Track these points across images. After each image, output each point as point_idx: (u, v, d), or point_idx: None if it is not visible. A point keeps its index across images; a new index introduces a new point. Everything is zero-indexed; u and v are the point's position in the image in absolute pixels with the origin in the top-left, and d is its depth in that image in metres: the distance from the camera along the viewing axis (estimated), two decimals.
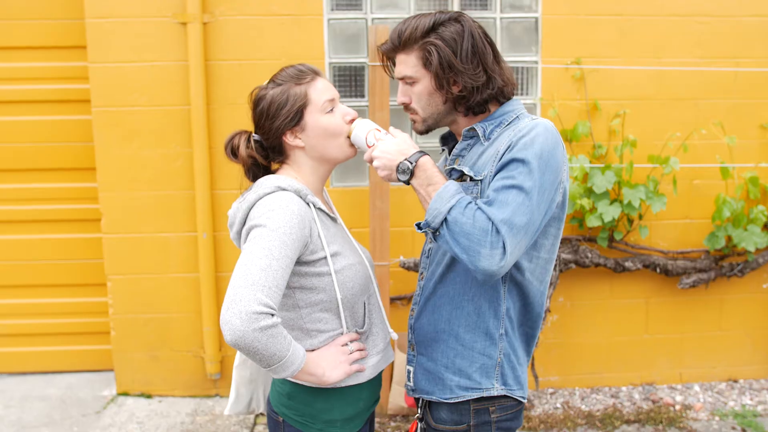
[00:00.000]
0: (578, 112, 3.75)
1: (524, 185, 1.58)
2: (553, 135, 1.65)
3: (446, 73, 1.70)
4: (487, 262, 1.55)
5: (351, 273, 1.73)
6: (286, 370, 1.58)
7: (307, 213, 1.66)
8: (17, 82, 3.92)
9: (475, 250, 1.55)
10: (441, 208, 1.61)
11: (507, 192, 1.59)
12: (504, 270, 1.57)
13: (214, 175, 3.71)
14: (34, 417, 3.69)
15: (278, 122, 1.73)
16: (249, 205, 1.66)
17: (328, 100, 1.75)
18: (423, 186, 1.68)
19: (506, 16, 3.72)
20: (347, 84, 3.74)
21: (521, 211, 1.57)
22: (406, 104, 1.80)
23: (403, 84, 1.79)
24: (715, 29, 3.75)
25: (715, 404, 3.83)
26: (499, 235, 1.55)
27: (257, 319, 1.47)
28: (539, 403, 3.84)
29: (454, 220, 1.58)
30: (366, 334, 1.82)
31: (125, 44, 3.61)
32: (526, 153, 1.60)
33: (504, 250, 1.55)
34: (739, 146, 3.78)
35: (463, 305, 1.77)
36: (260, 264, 1.52)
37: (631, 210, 3.58)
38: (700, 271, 3.83)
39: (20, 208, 4.02)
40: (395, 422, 3.61)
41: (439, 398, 1.80)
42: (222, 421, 3.63)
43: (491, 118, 1.77)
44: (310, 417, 1.75)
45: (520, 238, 1.57)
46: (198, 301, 3.80)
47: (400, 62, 1.77)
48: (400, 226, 3.74)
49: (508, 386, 1.78)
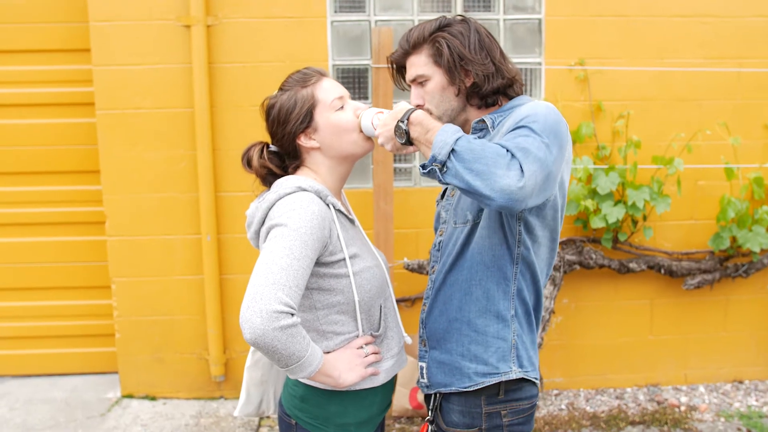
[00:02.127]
0: (582, 114, 3.74)
1: (535, 129, 1.55)
2: (556, 112, 1.63)
3: (457, 65, 1.73)
4: (506, 181, 1.46)
5: (369, 275, 1.73)
6: (303, 370, 1.57)
7: (327, 214, 1.66)
8: (22, 86, 3.93)
9: (491, 171, 1.47)
10: (447, 140, 1.54)
11: (516, 133, 1.55)
12: (525, 196, 1.47)
13: (218, 177, 3.71)
14: (38, 419, 3.69)
15: (290, 126, 1.75)
16: (269, 204, 1.65)
17: (337, 98, 1.76)
18: (422, 136, 1.62)
19: (509, 18, 3.72)
20: (351, 86, 3.74)
21: (535, 146, 1.51)
22: (420, 106, 1.80)
23: (415, 86, 1.81)
24: (719, 30, 3.74)
25: (721, 405, 3.82)
26: (514, 159, 1.48)
27: (278, 318, 1.46)
28: (544, 404, 3.83)
29: (462, 148, 1.52)
30: (381, 338, 1.81)
31: (129, 47, 3.61)
32: (530, 120, 1.57)
33: (521, 171, 1.47)
34: (743, 147, 3.77)
35: (472, 290, 1.77)
36: (281, 263, 1.51)
37: (635, 211, 3.58)
38: (705, 272, 3.82)
39: (25, 211, 4.03)
40: (399, 424, 3.61)
41: (459, 388, 1.79)
42: (226, 423, 3.63)
43: (501, 111, 1.79)
44: (323, 420, 1.74)
45: (536, 167, 1.49)
46: (202, 303, 3.81)
47: (411, 64, 1.79)
48: (404, 228, 3.74)
49: (524, 368, 1.78)
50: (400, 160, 3.81)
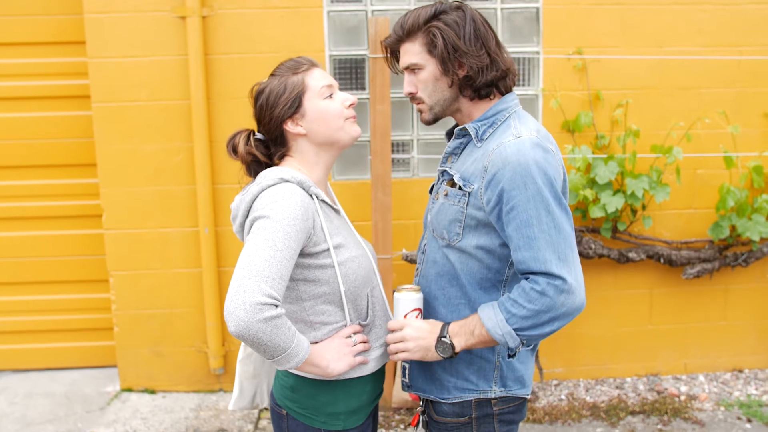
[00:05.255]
0: (580, 103, 3.72)
1: (532, 216, 1.57)
2: (531, 155, 1.60)
3: (451, 56, 1.69)
4: (563, 300, 1.55)
5: (354, 265, 1.73)
6: (290, 361, 1.58)
7: (310, 205, 1.66)
8: (17, 79, 3.90)
9: (549, 310, 1.56)
10: (502, 327, 1.60)
11: (520, 237, 1.58)
12: (577, 287, 1.56)
13: (215, 169, 3.70)
14: (38, 413, 3.69)
15: (278, 110, 1.75)
16: (252, 197, 1.66)
17: (326, 86, 1.76)
18: (471, 339, 1.66)
19: (507, 7, 3.69)
20: (348, 76, 3.72)
21: (544, 240, 1.56)
22: (413, 94, 1.78)
23: (408, 74, 1.78)
24: (718, 17, 3.72)
25: (720, 394, 3.82)
26: (545, 281, 1.55)
27: (261, 310, 1.47)
28: (544, 395, 3.83)
29: (518, 322, 1.58)
30: (369, 327, 1.81)
31: (124, 39, 3.59)
32: (518, 202, 1.58)
33: (556, 283, 1.54)
34: (742, 135, 3.75)
35: (459, 309, 1.76)
36: (264, 255, 1.52)
37: (634, 200, 3.56)
38: (704, 261, 3.81)
39: (22, 205, 4.02)
40: (399, 415, 3.60)
41: (437, 398, 1.81)
42: (226, 416, 3.63)
43: (484, 117, 1.75)
44: (313, 410, 1.75)
45: (557, 260, 1.56)
46: (200, 296, 3.80)
47: (405, 52, 1.77)
48: (402, 219, 3.73)
49: (508, 387, 1.77)
50: (398, 151, 3.80)
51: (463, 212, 1.70)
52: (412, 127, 3.77)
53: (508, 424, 1.81)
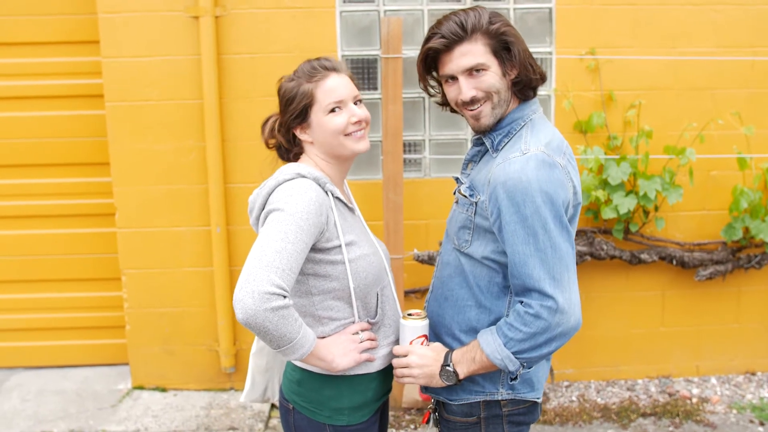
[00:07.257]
0: (593, 103, 3.71)
1: (537, 233, 1.59)
2: (534, 174, 1.60)
3: (512, 58, 1.70)
4: (566, 326, 1.60)
5: (365, 263, 1.74)
6: (295, 352, 1.60)
7: (324, 201, 1.69)
8: (31, 78, 3.93)
9: (544, 331, 1.59)
10: (500, 351, 1.64)
11: (523, 246, 1.61)
12: (572, 306, 1.61)
13: (227, 168, 3.71)
14: (50, 411, 3.71)
15: (286, 117, 1.80)
16: (269, 190, 1.70)
17: (334, 101, 1.75)
18: (473, 365, 1.70)
19: (520, 7, 3.69)
20: (360, 76, 3.72)
21: (540, 258, 1.59)
22: (476, 100, 1.71)
23: (467, 77, 1.71)
24: (732, 18, 3.70)
25: (733, 397, 3.80)
26: (544, 302, 1.58)
27: (269, 300, 1.50)
28: (554, 396, 3.82)
29: (516, 345, 1.62)
30: (378, 325, 1.82)
31: (138, 39, 3.61)
32: (520, 217, 1.60)
33: (555, 301, 1.58)
34: (756, 136, 3.73)
35: (466, 311, 1.77)
36: (275, 246, 1.55)
37: (646, 201, 3.55)
38: (717, 263, 3.79)
39: (35, 203, 4.04)
40: (410, 415, 3.60)
41: (446, 399, 1.82)
42: (237, 414, 3.64)
43: (500, 128, 1.75)
44: (318, 404, 1.77)
45: (551, 280, 1.60)
46: (212, 294, 3.81)
47: (463, 53, 1.69)
48: (414, 219, 3.73)
49: (516, 390, 1.77)
50: (410, 152, 3.79)
51: (471, 220, 1.73)
52: (424, 128, 3.77)
53: (517, 425, 1.81)
